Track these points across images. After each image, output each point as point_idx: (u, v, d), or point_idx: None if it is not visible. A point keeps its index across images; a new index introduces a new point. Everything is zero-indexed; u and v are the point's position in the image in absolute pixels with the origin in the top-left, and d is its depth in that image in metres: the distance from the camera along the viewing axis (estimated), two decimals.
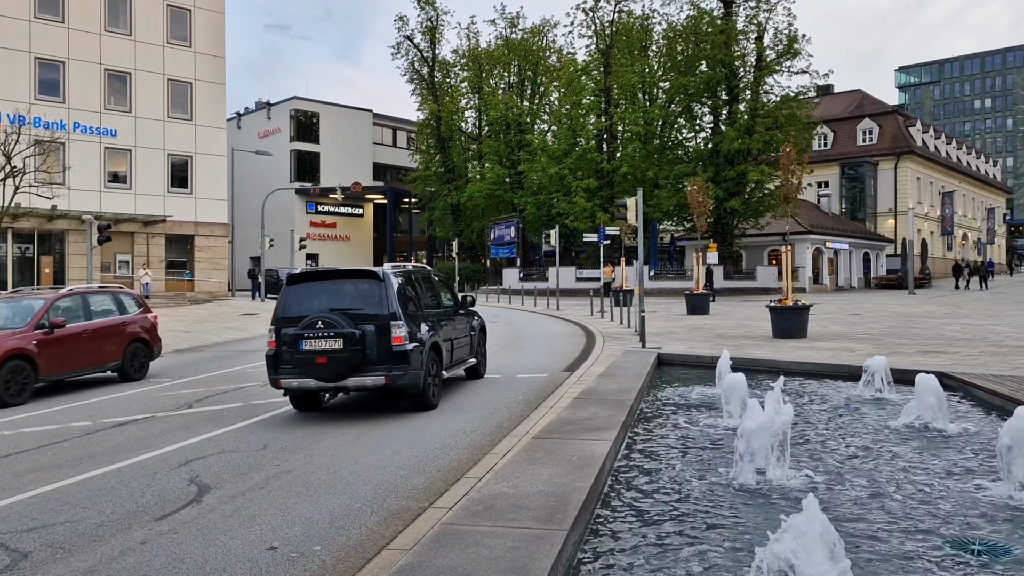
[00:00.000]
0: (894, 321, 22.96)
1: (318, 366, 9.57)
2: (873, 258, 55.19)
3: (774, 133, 41.80)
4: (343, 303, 10.02)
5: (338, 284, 10.49)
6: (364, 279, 10.34)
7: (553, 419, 7.45)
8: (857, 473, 5.85)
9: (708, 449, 6.68)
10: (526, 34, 56.54)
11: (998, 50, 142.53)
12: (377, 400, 11.11)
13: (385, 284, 10.03)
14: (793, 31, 43.03)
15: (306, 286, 10.40)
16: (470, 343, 12.77)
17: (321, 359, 9.55)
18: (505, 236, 51.54)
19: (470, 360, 12.73)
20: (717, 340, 17.93)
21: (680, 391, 9.81)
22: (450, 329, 11.62)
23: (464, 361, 12.44)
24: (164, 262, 39.33)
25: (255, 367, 15.73)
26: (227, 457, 7.94)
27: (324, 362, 9.55)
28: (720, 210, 41.50)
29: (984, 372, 10.26)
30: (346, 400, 11.25)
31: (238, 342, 22.14)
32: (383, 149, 71.56)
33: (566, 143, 47.79)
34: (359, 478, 6.98)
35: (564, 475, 4.78)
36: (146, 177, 38.63)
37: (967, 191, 73.93)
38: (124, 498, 6.54)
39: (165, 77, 39.39)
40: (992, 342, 16.34)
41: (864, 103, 64.65)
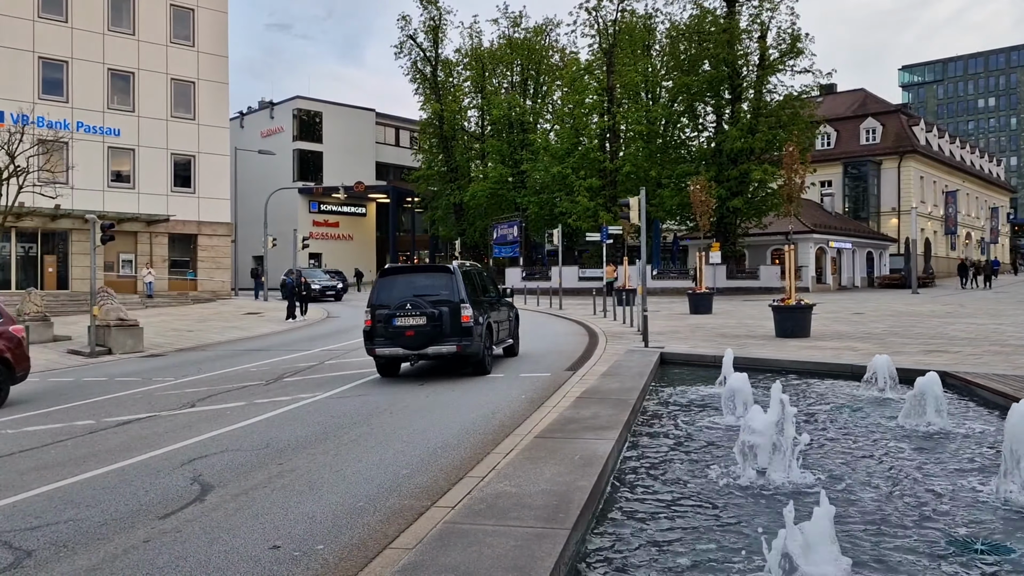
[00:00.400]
0: (897, 320, 22.93)
1: (406, 338, 12.59)
2: (876, 257, 55.13)
3: (777, 132, 41.75)
4: (423, 290, 12.94)
5: (418, 276, 13.59)
6: (439, 272, 13.45)
7: (556, 418, 7.45)
8: (859, 472, 5.84)
9: (711, 448, 6.68)
10: (529, 33, 56.53)
11: (1002, 49, 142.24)
12: (382, 400, 11.13)
13: (455, 276, 13.00)
14: (796, 30, 43.01)
15: (393, 278, 13.45)
16: (509, 327, 15.61)
17: (409, 332, 12.58)
18: (508, 235, 51.53)
19: (508, 340, 15.54)
20: (720, 339, 17.92)
21: (683, 390, 9.80)
22: (496, 314, 14.38)
23: (504, 341, 15.18)
24: (167, 261, 39.39)
25: (258, 366, 15.77)
26: (230, 456, 7.96)
27: (411, 335, 12.57)
28: (723, 209, 41.47)
29: (987, 372, 10.25)
30: (350, 399, 11.26)
31: (241, 341, 22.18)
32: (386, 148, 71.59)
33: (569, 142, 47.77)
34: (362, 477, 6.99)
35: (567, 474, 4.79)
36: (149, 176, 38.69)
37: (970, 190, 73.80)
38: (127, 497, 6.56)
39: (168, 77, 39.44)
40: (995, 341, 16.31)
41: (867, 102, 64.56)
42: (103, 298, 20.32)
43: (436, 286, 12.97)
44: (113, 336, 19.56)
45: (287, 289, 30.45)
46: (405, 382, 12.80)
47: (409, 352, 12.72)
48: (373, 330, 12.83)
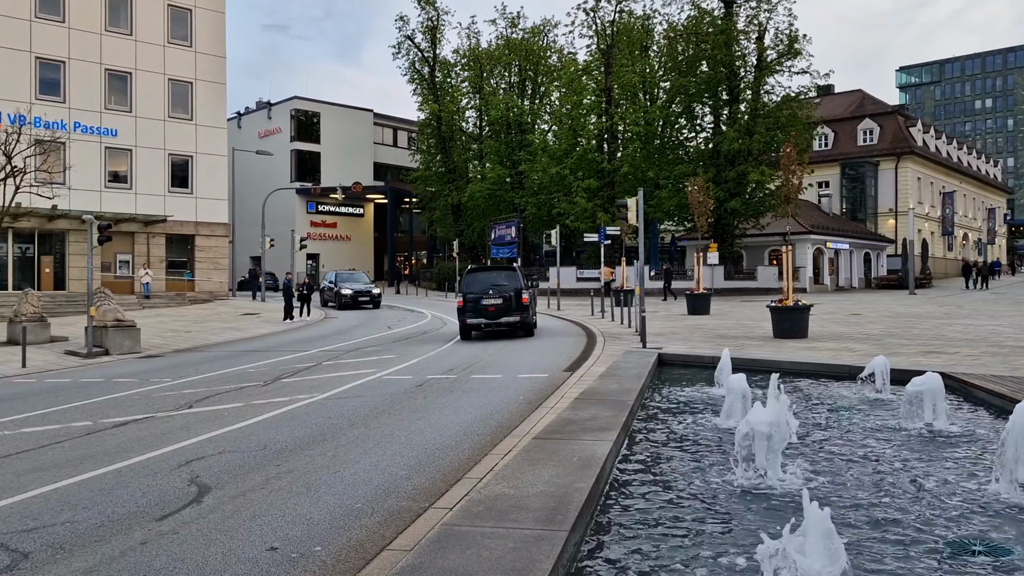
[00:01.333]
0: (895, 321, 22.96)
1: (489, 312, 19.71)
2: (874, 258, 55.19)
3: (775, 133, 41.79)
4: (498, 281, 20.26)
5: (493, 272, 21.74)
6: (506, 270, 21.77)
7: (554, 419, 7.45)
8: (856, 473, 5.85)
9: (709, 450, 6.68)
10: (527, 34, 56.56)
11: (999, 50, 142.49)
12: (380, 400, 11.12)
13: (518, 271, 21.02)
14: (794, 31, 43.06)
15: (475, 275, 20.94)
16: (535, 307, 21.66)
17: (491, 308, 19.70)
18: (506, 236, 51.51)
19: (535, 317, 21.60)
20: (718, 340, 17.92)
21: (681, 391, 9.80)
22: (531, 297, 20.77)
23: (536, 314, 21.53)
24: (164, 262, 39.34)
25: (256, 367, 15.75)
26: (227, 457, 7.95)
27: (493, 310, 19.69)
28: (721, 210, 41.49)
29: (985, 372, 10.26)
30: (348, 400, 11.25)
31: (238, 342, 22.16)
32: (384, 149, 71.60)
33: (567, 143, 47.80)
34: (359, 478, 6.99)
35: (565, 476, 4.78)
36: (147, 177, 38.64)
37: (968, 191, 73.91)
38: (124, 498, 6.55)
39: (166, 77, 39.40)
40: (993, 342, 16.34)
41: (865, 103, 64.63)
42: (100, 299, 20.29)
43: (505, 278, 20.32)
44: (110, 337, 19.53)
45: (285, 289, 30.44)
46: (403, 383, 12.80)
47: (490, 321, 19.72)
48: (465, 308, 19.80)
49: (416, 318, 29.58)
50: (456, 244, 51.50)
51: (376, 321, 28.52)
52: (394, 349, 18.50)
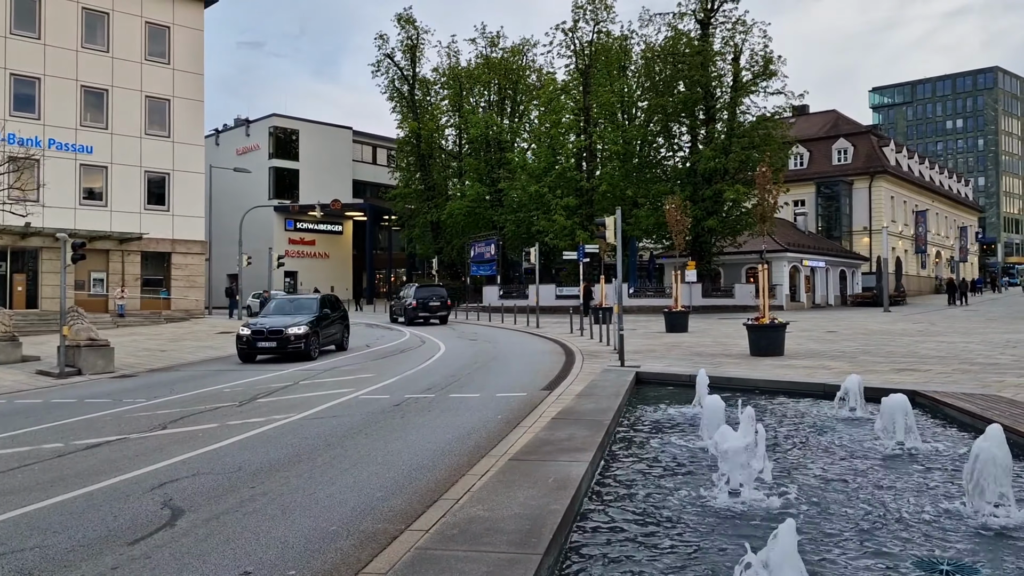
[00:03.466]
0: (869, 339, 23.21)
1: (430, 308, 34.69)
2: (849, 276, 55.82)
3: (750, 153, 42.28)
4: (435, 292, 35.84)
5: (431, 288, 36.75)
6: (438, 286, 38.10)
7: (531, 440, 7.45)
8: (828, 492, 5.90)
9: (685, 470, 6.71)
10: (506, 53, 56.93)
11: (968, 72, 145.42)
12: (357, 420, 11.06)
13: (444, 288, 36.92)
14: (769, 53, 43.68)
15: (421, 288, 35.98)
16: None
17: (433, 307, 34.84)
18: (485, 254, 51.58)
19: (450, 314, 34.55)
20: (695, 358, 18.03)
21: (658, 410, 9.84)
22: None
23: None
24: (140, 280, 38.95)
25: (231, 387, 15.61)
26: (201, 479, 7.86)
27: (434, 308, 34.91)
28: (698, 228, 41.83)
29: (955, 390, 10.40)
30: (325, 420, 11.17)
31: (214, 361, 21.94)
32: (363, 166, 71.57)
33: (546, 161, 48.04)
34: (335, 500, 6.94)
35: (540, 497, 4.79)
36: (122, 194, 38.32)
37: (940, 210, 75.11)
38: (95, 522, 6.45)
39: (143, 94, 39.20)
40: (964, 359, 16.57)
41: (839, 123, 65.62)
42: (73, 317, 20.03)
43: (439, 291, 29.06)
44: (83, 356, 19.27)
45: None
46: (380, 402, 12.74)
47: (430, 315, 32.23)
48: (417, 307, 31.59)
49: (395, 336, 29.47)
50: (435, 262, 51.49)
51: (355, 339, 28.38)
52: (372, 368, 18.42)
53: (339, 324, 23.21)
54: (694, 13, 44.93)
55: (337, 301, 24.78)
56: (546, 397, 12.58)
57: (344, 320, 24.07)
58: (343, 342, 23.44)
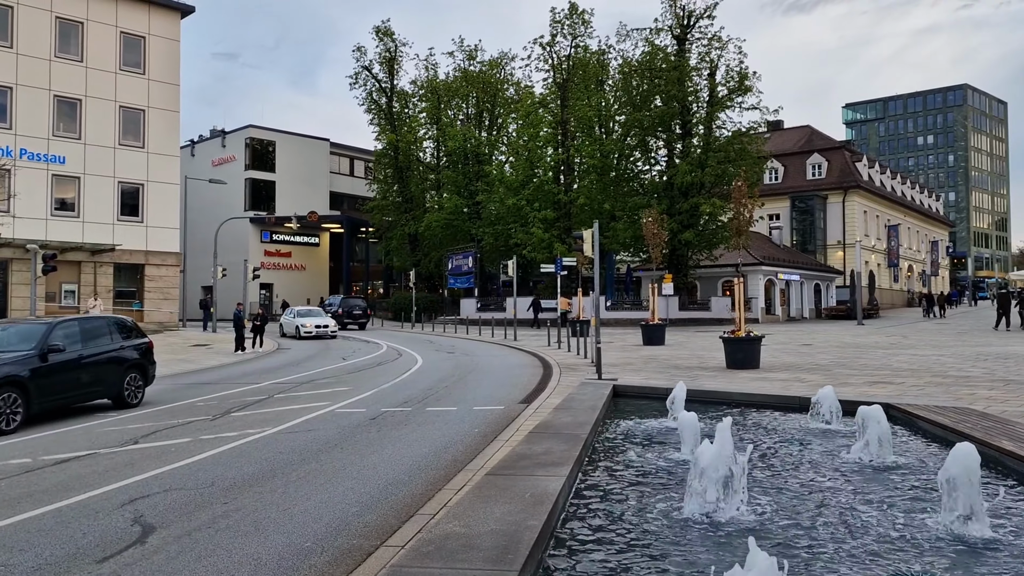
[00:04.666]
0: (843, 352, 23.44)
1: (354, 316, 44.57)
2: (823, 289, 56.41)
3: (726, 167, 42.69)
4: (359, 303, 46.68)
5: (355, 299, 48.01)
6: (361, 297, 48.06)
7: (508, 454, 7.41)
8: (803, 506, 5.92)
9: (662, 483, 6.71)
10: (484, 66, 57.10)
11: (939, 89, 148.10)
12: (333, 435, 10.96)
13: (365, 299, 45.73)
14: (744, 68, 44.21)
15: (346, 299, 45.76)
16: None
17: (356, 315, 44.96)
18: (463, 266, 51.54)
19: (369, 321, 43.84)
20: (672, 371, 18.10)
21: (635, 424, 9.85)
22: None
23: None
24: (112, 292, 38.39)
25: (205, 400, 15.42)
26: (173, 495, 7.74)
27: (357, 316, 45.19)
28: (675, 242, 42.12)
29: (928, 403, 10.51)
30: (300, 434, 11.05)
31: (188, 374, 21.68)
32: (340, 178, 71.31)
33: (524, 174, 48.18)
34: (310, 516, 6.86)
35: (517, 513, 4.76)
36: (95, 205, 37.83)
37: (912, 224, 76.24)
38: (64, 540, 6.32)
39: (117, 104, 38.80)
40: (936, 372, 16.77)
41: (813, 138, 66.49)
42: None
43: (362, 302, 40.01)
44: None
45: (236, 320, 29.94)
46: (356, 416, 12.64)
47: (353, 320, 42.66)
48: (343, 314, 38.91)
49: (371, 349, 29.31)
50: (413, 274, 51.34)
51: (330, 352, 28.19)
52: (348, 381, 18.29)
53: (113, 366, 14.63)
54: (670, 29, 45.40)
55: (123, 327, 15.80)
56: (523, 410, 12.55)
57: (133, 359, 15.22)
58: (125, 392, 14.79)
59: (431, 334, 39.76)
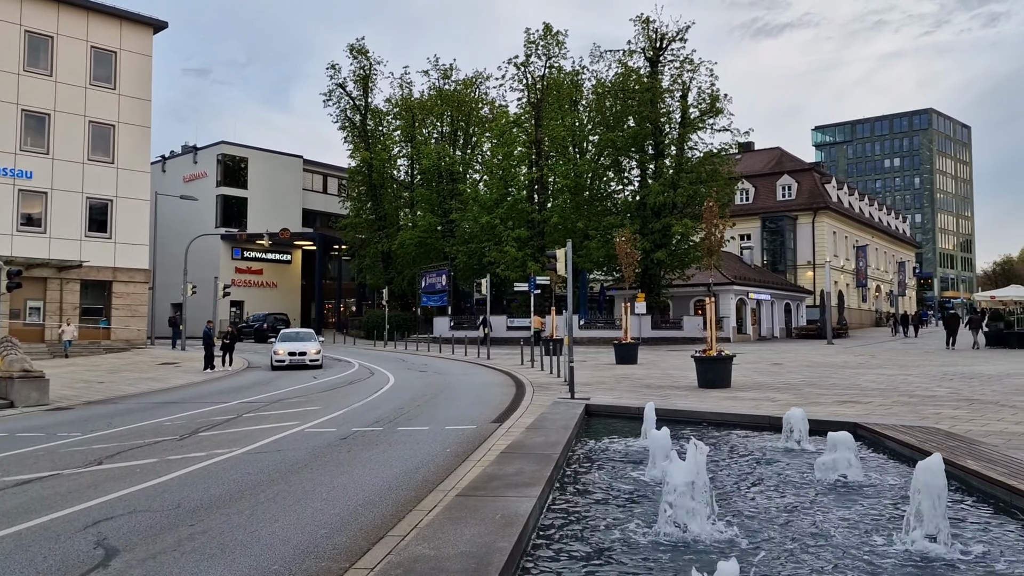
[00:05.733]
0: (813, 371, 23.69)
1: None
2: (794, 308, 57.06)
3: (698, 187, 43.17)
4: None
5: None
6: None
7: (479, 474, 7.38)
8: (772, 525, 5.95)
9: (632, 503, 6.71)
10: (459, 85, 57.32)
11: (905, 113, 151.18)
12: (302, 455, 10.83)
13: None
14: (715, 91, 44.85)
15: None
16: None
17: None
18: (436, 284, 51.43)
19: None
20: (644, 390, 18.16)
21: (607, 443, 9.86)
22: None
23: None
24: (78, 309, 37.79)
25: (172, 420, 15.18)
26: (138, 517, 7.59)
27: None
28: (647, 261, 42.42)
29: (895, 423, 10.64)
30: (269, 454, 10.91)
31: (155, 393, 21.34)
32: (313, 195, 71.01)
33: (497, 193, 48.33)
34: (277, 538, 6.76)
35: (487, 534, 4.73)
36: (62, 221, 37.29)
37: (879, 245, 77.50)
38: (23, 564, 6.16)
39: (86, 119, 38.39)
40: (904, 392, 17.00)
41: (783, 160, 67.50)
42: (7, 348, 19.32)
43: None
44: (16, 388, 18.54)
45: (206, 337, 29.58)
46: (326, 436, 12.51)
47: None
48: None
49: (343, 367, 29.09)
50: (386, 292, 51.13)
51: (301, 371, 27.93)
52: (319, 400, 18.11)
53: None
54: (643, 51, 45.96)
55: None
56: (496, 430, 12.51)
57: None
58: None
59: (404, 352, 39.55)
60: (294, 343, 29.92)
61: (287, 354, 28.95)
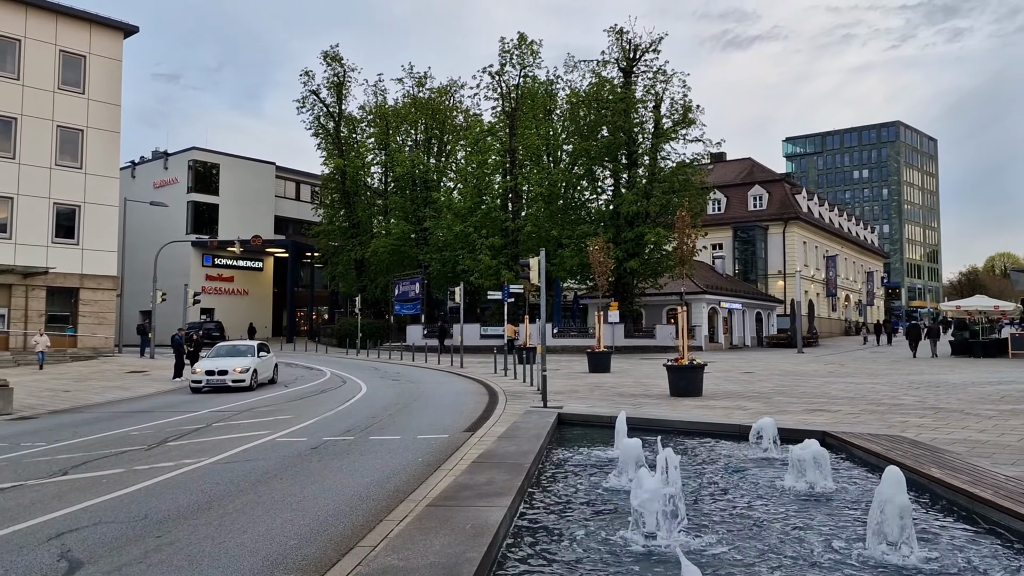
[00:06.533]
0: (784, 379, 23.93)
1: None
2: (765, 317, 57.63)
3: (670, 197, 43.53)
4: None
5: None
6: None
7: (450, 484, 7.36)
8: (741, 534, 6.00)
9: (603, 513, 6.73)
10: (433, 93, 57.35)
11: (873, 125, 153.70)
12: (273, 464, 10.73)
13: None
14: (688, 101, 45.30)
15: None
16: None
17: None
18: (410, 292, 51.28)
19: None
20: (617, 398, 18.23)
21: (579, 452, 9.88)
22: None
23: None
24: (44, 316, 37.15)
25: (139, 429, 14.97)
26: (104, 528, 7.47)
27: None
28: (621, 270, 42.65)
29: (863, 431, 10.78)
30: (238, 464, 10.79)
31: (122, 402, 21.02)
32: (286, 202, 70.54)
33: (471, 201, 48.36)
34: (246, 549, 6.69)
35: (456, 545, 4.72)
36: (28, 226, 36.69)
37: (848, 255, 78.60)
38: None
39: (54, 123, 37.85)
40: (871, 400, 17.23)
41: (754, 171, 68.29)
42: None
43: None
44: None
45: (176, 345, 29.20)
46: (297, 445, 12.41)
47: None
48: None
49: (315, 376, 28.86)
50: (359, 300, 50.87)
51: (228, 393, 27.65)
52: (290, 409, 17.96)
53: None
54: (617, 61, 46.32)
55: None
56: (468, 439, 12.49)
57: None
58: None
59: (376, 361, 39.35)
60: (220, 360, 24.10)
61: (204, 373, 23.31)
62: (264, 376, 24.94)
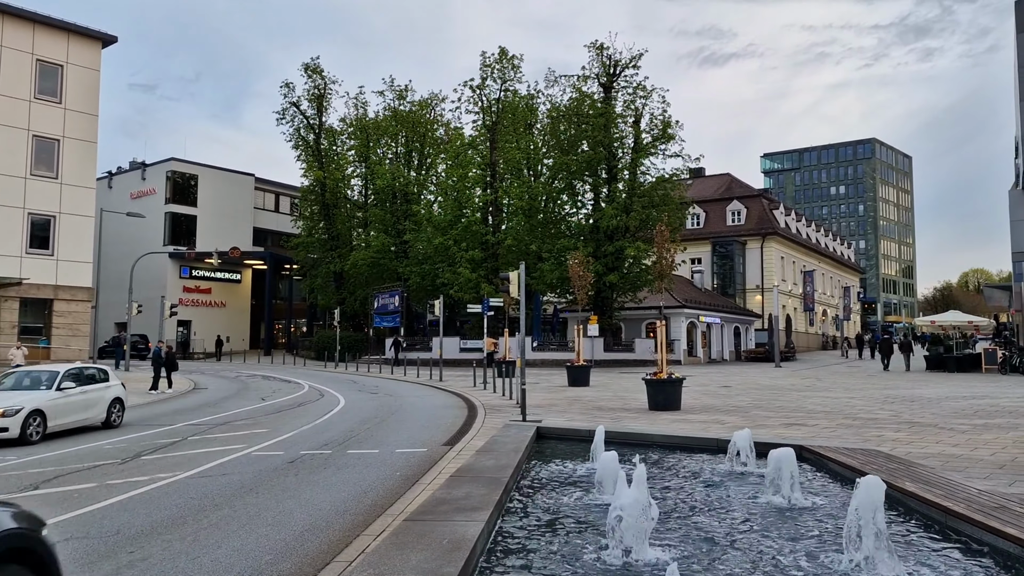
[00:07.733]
0: (761, 393, 24.08)
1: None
2: (743, 331, 58.01)
3: (650, 212, 43.77)
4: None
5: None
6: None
7: (428, 498, 7.33)
8: (718, 547, 6.03)
9: (580, 527, 6.73)
10: (414, 106, 57.41)
11: (850, 142, 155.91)
12: (249, 478, 10.62)
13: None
14: (667, 117, 45.64)
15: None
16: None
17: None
18: (389, 305, 51.13)
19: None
20: (596, 412, 18.25)
21: (557, 466, 9.88)
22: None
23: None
24: (17, 327, 36.62)
25: (113, 443, 14.77)
26: (74, 544, 7.35)
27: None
28: (600, 284, 42.78)
29: (839, 445, 10.87)
30: (214, 478, 10.68)
31: None
32: (265, 214, 70.19)
33: (452, 214, 48.36)
34: (220, 565, 6.61)
35: (433, 560, 4.70)
36: (2, 236, 36.21)
37: (826, 270, 79.42)
38: None
39: (30, 133, 37.46)
40: (847, 415, 17.38)
41: (733, 186, 68.92)
42: None
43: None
44: None
45: (155, 358, 28.86)
46: (273, 459, 12.30)
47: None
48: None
49: (292, 389, 28.65)
50: (337, 312, 50.62)
51: (249, 392, 27.45)
52: (267, 422, 17.80)
53: None
54: (597, 77, 46.65)
55: None
56: (447, 453, 12.45)
57: None
58: None
59: (355, 374, 39.14)
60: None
61: None
62: (73, 419, 16.24)
